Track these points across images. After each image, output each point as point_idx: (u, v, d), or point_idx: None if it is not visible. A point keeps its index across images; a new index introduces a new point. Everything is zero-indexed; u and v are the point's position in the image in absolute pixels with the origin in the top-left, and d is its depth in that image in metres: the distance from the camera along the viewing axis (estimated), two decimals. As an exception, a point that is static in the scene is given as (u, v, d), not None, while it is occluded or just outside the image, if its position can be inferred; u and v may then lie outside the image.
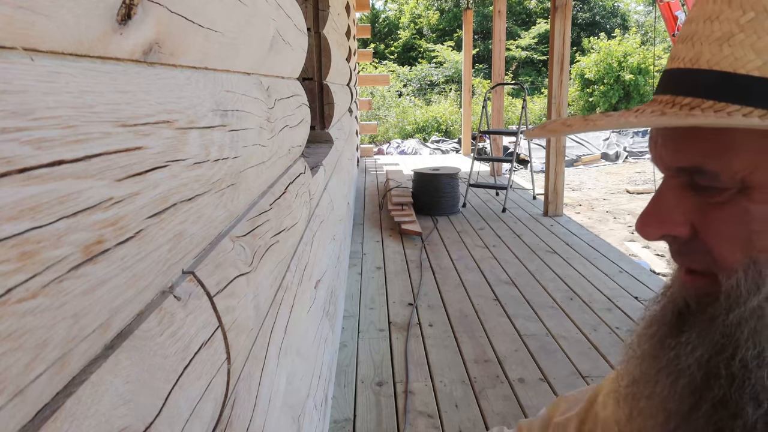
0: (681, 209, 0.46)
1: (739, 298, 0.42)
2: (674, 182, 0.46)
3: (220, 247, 0.64)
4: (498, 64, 7.67)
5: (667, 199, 0.46)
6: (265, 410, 0.83)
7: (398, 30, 21.52)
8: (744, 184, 0.42)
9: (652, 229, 0.47)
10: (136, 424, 0.38)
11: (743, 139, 0.41)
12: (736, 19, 0.40)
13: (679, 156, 0.45)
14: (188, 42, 0.55)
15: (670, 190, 0.46)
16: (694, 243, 0.46)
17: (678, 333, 0.48)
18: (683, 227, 0.46)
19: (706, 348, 0.45)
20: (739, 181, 0.42)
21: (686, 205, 0.46)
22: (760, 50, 0.38)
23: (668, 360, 0.48)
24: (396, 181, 6.43)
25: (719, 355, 0.44)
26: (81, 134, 0.33)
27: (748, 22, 0.39)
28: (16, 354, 0.27)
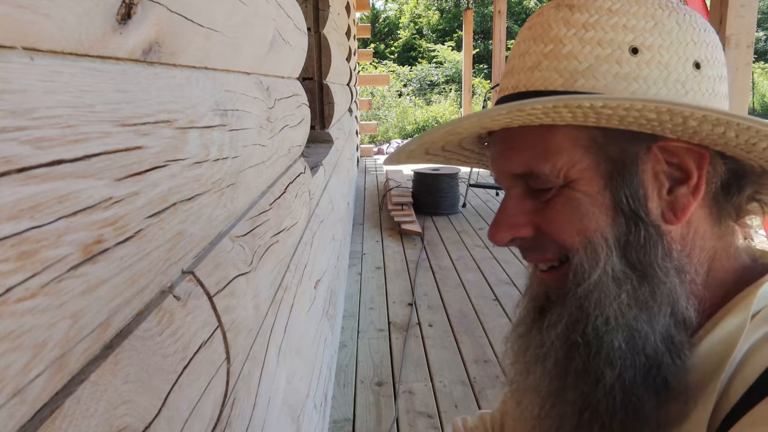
0: (523, 213, 0.54)
1: (584, 273, 0.50)
2: (514, 192, 0.55)
3: (219, 246, 0.64)
4: (498, 64, 7.67)
5: (510, 208, 0.55)
6: (265, 410, 0.83)
7: (398, 30, 21.52)
8: (567, 179, 0.51)
9: (501, 234, 0.55)
10: (136, 424, 0.38)
11: (559, 141, 0.51)
12: (541, 50, 0.52)
13: (513, 164, 0.54)
14: (188, 41, 0.55)
15: (512, 200, 0.55)
16: (539, 239, 0.54)
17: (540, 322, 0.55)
18: (527, 228, 0.54)
19: (564, 322, 0.51)
20: (563, 177, 0.51)
21: (526, 209, 0.54)
22: (560, 71, 0.50)
23: (534, 347, 0.54)
24: (396, 181, 6.42)
25: (575, 326, 0.50)
26: (80, 134, 0.33)
27: (549, 52, 0.51)
28: (15, 354, 0.27)
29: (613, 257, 0.49)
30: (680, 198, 0.50)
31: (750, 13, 2.49)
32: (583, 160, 0.50)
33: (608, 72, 0.49)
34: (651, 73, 0.49)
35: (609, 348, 0.48)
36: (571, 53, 0.50)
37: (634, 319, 0.48)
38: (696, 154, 0.49)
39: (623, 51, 0.49)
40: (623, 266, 0.49)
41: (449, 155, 0.67)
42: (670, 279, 0.49)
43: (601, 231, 0.50)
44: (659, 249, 0.49)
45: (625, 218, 0.50)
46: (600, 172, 0.50)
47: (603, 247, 0.50)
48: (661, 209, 0.50)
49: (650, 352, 0.48)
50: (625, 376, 0.48)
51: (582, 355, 0.50)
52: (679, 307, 0.49)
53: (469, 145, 0.65)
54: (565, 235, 0.52)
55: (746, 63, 2.52)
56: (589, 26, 0.50)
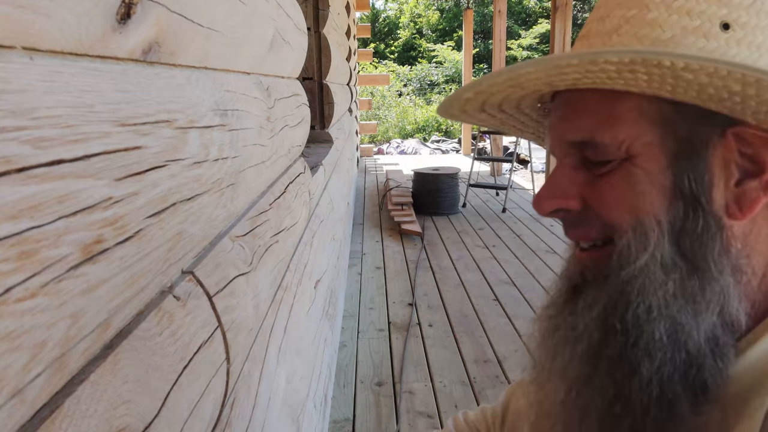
0: (573, 184, 0.51)
1: (630, 256, 0.47)
2: (567, 161, 0.52)
3: (219, 246, 0.64)
4: (498, 64, 7.67)
5: (560, 177, 0.52)
6: (265, 410, 0.83)
7: (398, 30, 21.52)
8: (629, 153, 0.47)
9: (547, 203, 0.52)
10: (135, 424, 0.38)
11: (628, 111, 0.47)
12: (623, 14, 0.48)
13: (573, 129, 0.50)
14: (188, 41, 0.55)
15: (563, 169, 0.52)
16: (585, 214, 0.51)
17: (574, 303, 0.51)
18: (575, 200, 0.51)
19: (602, 305, 0.48)
20: (625, 150, 0.47)
21: (578, 181, 0.51)
22: (641, 38, 0.47)
23: (566, 329, 0.51)
24: (396, 181, 6.42)
25: (614, 311, 0.47)
26: (80, 134, 0.33)
27: (632, 16, 0.47)
28: (14, 354, 0.27)
29: (663, 242, 0.46)
30: (749, 192, 0.45)
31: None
32: (649, 134, 0.46)
33: (693, 45, 0.45)
34: (740, 53, 0.44)
35: (649, 338, 0.45)
36: (656, 20, 0.46)
37: (679, 312, 0.45)
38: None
39: (713, 25, 0.45)
40: (673, 254, 0.46)
41: (505, 118, 0.61)
42: (724, 277, 0.45)
43: (654, 213, 0.46)
44: (716, 242, 0.45)
45: (684, 203, 0.46)
46: (665, 150, 0.46)
47: (655, 230, 0.46)
48: (726, 201, 0.46)
49: (692, 349, 0.44)
50: (663, 370, 0.45)
51: (619, 342, 0.46)
52: (729, 307, 0.45)
53: (529, 110, 0.60)
54: (614, 213, 0.48)
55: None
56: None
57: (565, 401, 0.51)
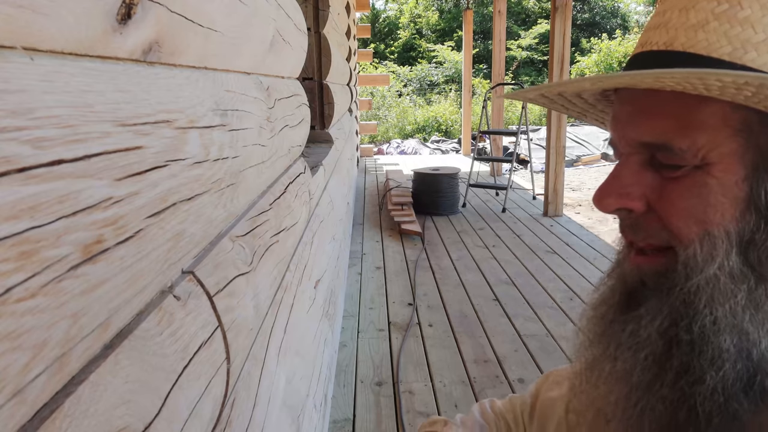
0: (639, 184, 0.48)
1: (696, 267, 0.45)
2: (633, 159, 0.49)
3: (219, 246, 0.64)
4: (498, 64, 7.67)
5: (625, 174, 0.49)
6: (265, 410, 0.83)
7: (398, 30, 21.52)
8: (705, 160, 0.45)
9: (610, 200, 0.49)
10: (136, 424, 0.38)
11: (707, 118, 0.44)
12: (712, 9, 0.44)
13: (646, 132, 0.47)
14: (188, 41, 0.55)
15: (629, 167, 0.49)
16: (647, 218, 0.49)
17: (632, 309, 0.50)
18: (639, 202, 0.48)
19: (666, 316, 0.47)
20: (701, 158, 0.45)
21: (644, 181, 0.48)
22: (731, 38, 0.43)
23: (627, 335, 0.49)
24: (396, 181, 6.42)
25: (679, 323, 0.46)
26: (80, 134, 0.33)
27: (722, 12, 0.43)
28: (15, 354, 0.27)
29: (732, 253, 0.44)
30: None
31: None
32: (729, 143, 0.44)
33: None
34: None
35: (716, 349, 0.44)
36: (749, 19, 0.42)
37: (748, 321, 0.44)
38: None
39: None
40: (742, 264, 0.45)
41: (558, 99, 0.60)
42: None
43: (724, 225, 0.45)
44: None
45: (757, 216, 0.44)
46: (744, 161, 0.44)
47: (723, 240, 0.45)
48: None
49: (756, 358, 0.44)
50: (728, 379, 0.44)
51: (685, 353, 0.46)
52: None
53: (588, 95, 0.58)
54: (682, 222, 0.46)
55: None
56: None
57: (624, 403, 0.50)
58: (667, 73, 0.42)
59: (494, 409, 0.82)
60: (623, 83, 0.47)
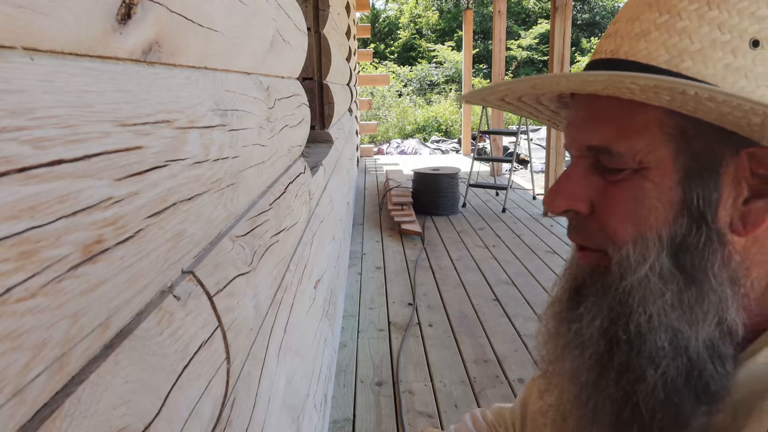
0: (584, 187, 0.52)
1: (629, 268, 0.48)
2: (581, 163, 0.52)
3: (219, 246, 0.64)
4: (498, 64, 7.67)
5: (573, 177, 0.52)
6: (265, 410, 0.83)
7: (398, 30, 21.52)
8: (642, 164, 0.47)
9: (558, 201, 0.53)
10: (136, 424, 0.38)
11: (647, 123, 0.47)
12: (654, 19, 0.47)
13: (591, 135, 0.50)
14: (188, 41, 0.55)
15: (577, 170, 0.52)
16: (590, 221, 0.52)
17: (576, 306, 0.53)
18: (584, 203, 0.52)
19: (604, 316, 0.50)
20: (638, 161, 0.47)
21: (590, 184, 0.51)
22: (669, 47, 0.46)
23: (572, 335, 0.52)
24: (396, 181, 6.42)
25: (617, 322, 0.49)
26: (80, 134, 0.33)
27: (662, 23, 0.46)
28: (15, 353, 0.27)
29: (662, 256, 0.47)
30: (755, 211, 0.46)
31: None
32: (664, 148, 0.47)
33: (720, 60, 0.44)
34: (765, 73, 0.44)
35: (652, 347, 0.47)
36: (686, 30, 0.45)
37: (677, 320, 0.46)
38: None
39: (743, 41, 0.44)
40: (671, 266, 0.47)
41: (522, 105, 0.63)
42: (723, 288, 0.46)
43: (657, 228, 0.47)
44: (717, 257, 0.46)
45: (689, 219, 0.47)
46: (677, 166, 0.47)
47: (655, 244, 0.47)
48: (731, 218, 0.47)
49: (692, 355, 0.46)
50: (667, 376, 0.46)
51: (624, 351, 0.48)
52: (727, 317, 0.46)
53: (547, 102, 0.61)
54: (617, 225, 0.49)
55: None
56: (714, 5, 0.45)
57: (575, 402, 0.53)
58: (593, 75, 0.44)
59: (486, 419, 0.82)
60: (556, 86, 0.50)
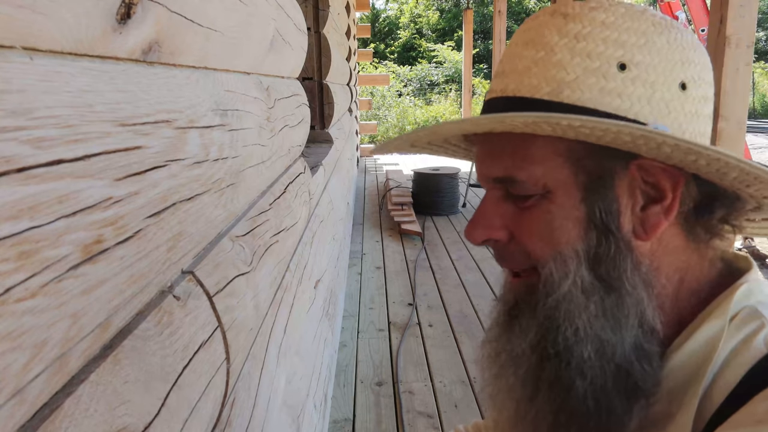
0: (500, 216, 0.55)
1: (554, 284, 0.51)
2: (494, 194, 0.56)
3: (219, 246, 0.64)
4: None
5: (488, 209, 0.56)
6: (265, 410, 0.83)
7: (398, 30, 21.51)
8: (545, 188, 0.51)
9: (477, 233, 0.56)
10: (135, 424, 0.38)
11: (539, 150, 0.51)
12: (532, 56, 0.52)
13: (494, 168, 0.54)
14: (188, 41, 0.55)
15: (491, 202, 0.56)
16: (511, 246, 0.55)
17: (511, 327, 0.56)
18: (502, 231, 0.55)
19: (535, 331, 0.53)
20: (542, 186, 0.51)
21: (504, 213, 0.55)
22: (548, 80, 0.51)
23: (506, 353, 0.56)
24: (396, 181, 6.42)
25: (546, 337, 0.52)
26: (80, 133, 0.33)
27: (540, 58, 0.51)
28: (14, 353, 0.27)
29: (582, 269, 0.51)
30: (652, 216, 0.51)
31: (750, 13, 2.49)
32: (562, 170, 0.51)
33: (594, 85, 0.49)
34: (635, 91, 0.49)
35: (579, 358, 0.50)
36: (560, 63, 0.51)
37: (602, 329, 0.50)
38: (672, 175, 0.50)
39: (611, 66, 0.50)
40: (591, 278, 0.51)
41: (435, 149, 0.68)
42: (638, 291, 0.50)
43: (572, 243, 0.51)
44: (628, 262, 0.50)
45: (597, 231, 0.51)
46: (577, 185, 0.51)
47: (573, 258, 0.51)
48: (633, 225, 0.51)
49: (619, 360, 0.49)
50: (596, 383, 0.50)
51: (553, 365, 0.51)
52: (646, 317, 0.50)
53: (457, 141, 0.66)
54: (536, 246, 0.53)
55: (746, 63, 2.52)
56: (581, 37, 0.51)
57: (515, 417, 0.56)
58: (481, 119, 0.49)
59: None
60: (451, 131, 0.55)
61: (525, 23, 0.56)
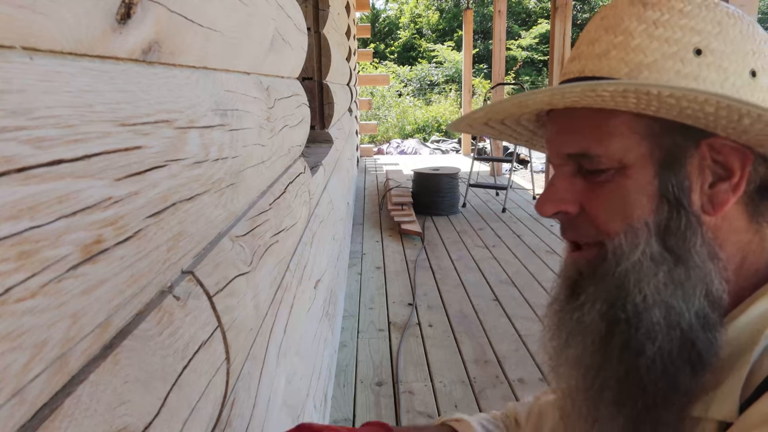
0: (571, 190, 0.58)
1: (623, 255, 0.54)
2: (565, 170, 0.58)
3: (219, 246, 0.64)
4: (498, 64, 7.67)
5: (559, 183, 0.58)
6: (265, 410, 0.83)
7: (398, 30, 21.51)
8: (621, 163, 0.54)
9: (548, 206, 0.58)
10: (135, 424, 0.38)
11: (618, 126, 0.54)
12: (611, 40, 0.55)
13: (570, 143, 0.57)
14: (188, 41, 0.55)
15: (562, 177, 0.58)
16: (580, 218, 0.58)
17: (575, 298, 0.58)
18: (573, 205, 0.58)
19: (603, 300, 0.55)
20: (617, 161, 0.54)
21: (575, 187, 0.58)
22: (627, 62, 0.54)
23: (574, 323, 0.57)
24: (396, 181, 6.42)
25: (615, 304, 0.54)
26: (80, 133, 0.33)
27: (619, 42, 0.54)
28: (15, 353, 0.27)
29: (652, 241, 0.53)
30: (720, 193, 0.53)
31: (750, 13, 2.49)
32: (639, 147, 0.53)
33: (671, 69, 0.52)
34: (710, 76, 0.52)
35: (648, 323, 0.52)
36: (639, 47, 0.53)
37: (670, 297, 0.52)
38: (741, 154, 0.52)
39: (688, 51, 0.52)
40: (661, 249, 0.53)
41: (504, 129, 0.70)
42: (705, 264, 0.52)
43: (644, 217, 0.53)
44: (697, 237, 0.53)
45: (669, 206, 0.53)
46: (653, 161, 0.53)
47: (644, 231, 0.53)
48: (702, 201, 0.53)
49: (685, 327, 0.52)
50: (664, 348, 0.52)
51: (623, 331, 0.53)
52: (712, 288, 0.52)
53: (527, 122, 0.68)
54: (608, 219, 0.55)
55: (746, 63, 2.52)
56: (660, 24, 0.53)
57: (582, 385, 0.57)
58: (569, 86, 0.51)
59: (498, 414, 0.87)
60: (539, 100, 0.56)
61: (601, 10, 0.59)
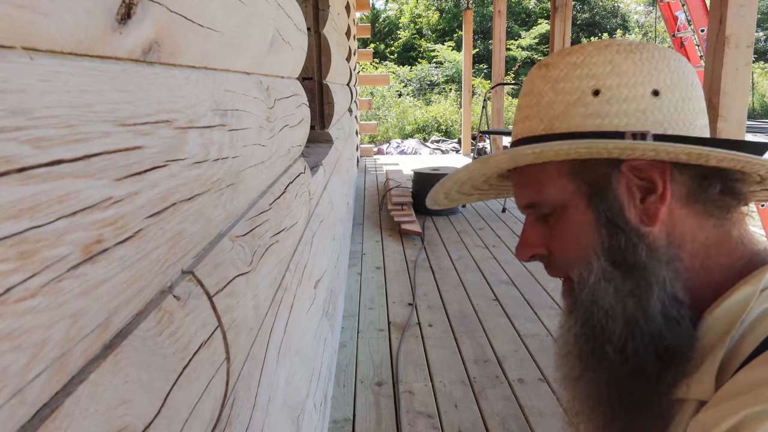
0: (536, 235, 0.68)
1: (583, 281, 0.62)
2: (529, 219, 0.69)
3: (219, 246, 0.64)
4: (498, 64, 7.67)
5: (528, 230, 0.69)
6: (265, 410, 0.83)
7: (398, 30, 21.51)
8: (560, 204, 0.63)
9: (521, 252, 0.69)
10: (135, 424, 0.38)
11: (549, 174, 0.63)
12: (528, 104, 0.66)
13: (521, 196, 0.68)
14: (188, 41, 0.55)
15: (529, 225, 0.69)
16: (551, 258, 0.67)
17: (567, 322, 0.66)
18: (541, 247, 0.67)
19: (577, 323, 0.63)
20: (557, 203, 0.63)
21: (540, 232, 0.67)
22: (542, 119, 0.64)
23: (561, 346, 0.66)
24: (396, 181, 6.42)
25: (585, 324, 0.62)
26: (80, 133, 0.33)
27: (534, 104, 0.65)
28: (15, 353, 0.27)
29: (601, 262, 0.60)
30: (650, 205, 0.59)
31: (750, 13, 2.49)
32: (568, 186, 0.62)
33: (576, 114, 0.61)
34: (612, 109, 0.59)
35: (611, 333, 0.59)
36: (549, 103, 0.63)
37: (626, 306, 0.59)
38: (659, 167, 0.59)
39: (587, 95, 0.61)
40: (611, 267, 0.60)
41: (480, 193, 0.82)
42: (658, 269, 0.58)
43: (591, 245, 0.61)
44: (641, 247, 0.59)
45: (606, 228, 0.60)
46: (581, 194, 0.62)
47: (593, 256, 0.61)
48: (639, 215, 0.60)
49: (645, 328, 0.58)
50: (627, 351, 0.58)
51: (592, 342, 0.61)
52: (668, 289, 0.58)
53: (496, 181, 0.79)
54: (565, 254, 0.64)
55: (746, 63, 2.52)
56: (560, 79, 0.63)
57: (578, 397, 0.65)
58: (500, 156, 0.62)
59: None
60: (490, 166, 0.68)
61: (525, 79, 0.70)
